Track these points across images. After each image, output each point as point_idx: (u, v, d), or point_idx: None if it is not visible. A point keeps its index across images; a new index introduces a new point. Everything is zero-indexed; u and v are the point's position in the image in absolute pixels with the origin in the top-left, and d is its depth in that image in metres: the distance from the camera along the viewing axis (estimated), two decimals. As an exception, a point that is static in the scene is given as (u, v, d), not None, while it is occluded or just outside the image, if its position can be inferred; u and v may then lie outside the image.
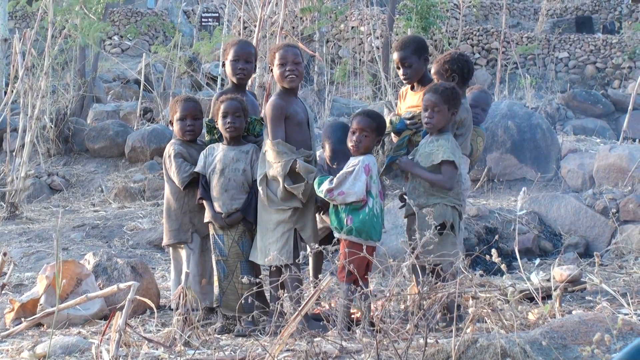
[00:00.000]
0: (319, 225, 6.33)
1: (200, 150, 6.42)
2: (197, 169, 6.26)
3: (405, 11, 21.27)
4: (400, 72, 6.48)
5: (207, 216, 6.23)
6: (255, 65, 6.54)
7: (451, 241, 5.92)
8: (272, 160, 5.97)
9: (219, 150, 6.26)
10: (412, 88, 6.56)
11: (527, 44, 26.62)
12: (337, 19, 20.17)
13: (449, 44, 23.84)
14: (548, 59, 27.16)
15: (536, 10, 33.13)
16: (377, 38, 21.08)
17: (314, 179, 5.90)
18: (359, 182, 5.75)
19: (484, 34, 27.56)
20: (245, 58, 6.50)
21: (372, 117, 5.99)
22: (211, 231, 6.24)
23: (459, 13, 26.70)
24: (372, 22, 21.49)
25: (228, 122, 6.18)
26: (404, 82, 6.56)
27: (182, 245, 6.42)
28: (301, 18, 16.83)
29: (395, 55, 6.51)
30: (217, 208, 6.17)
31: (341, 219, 5.78)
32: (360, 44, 23.92)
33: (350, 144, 5.95)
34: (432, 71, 6.59)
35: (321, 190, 5.81)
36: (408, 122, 6.32)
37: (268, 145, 6.01)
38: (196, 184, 6.34)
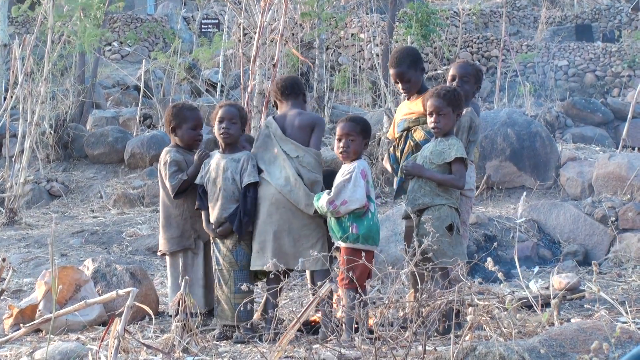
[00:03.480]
0: None
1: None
2: (197, 179, 6.25)
3: (405, 19, 21.31)
4: (400, 87, 6.48)
5: (204, 226, 6.24)
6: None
7: (460, 242, 5.93)
8: (312, 169, 6.05)
9: (215, 157, 6.25)
10: (408, 98, 6.56)
11: (526, 52, 26.62)
12: (337, 26, 20.20)
13: (449, 51, 23.89)
14: (548, 67, 27.17)
15: (536, 18, 33.16)
16: (377, 45, 21.10)
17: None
18: (359, 188, 5.73)
19: (484, 42, 27.57)
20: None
21: (355, 121, 6.00)
22: (212, 240, 6.24)
23: (459, 21, 26.73)
24: (372, 29, 21.51)
25: (223, 128, 6.17)
26: (405, 95, 6.53)
27: (180, 252, 6.38)
28: (301, 25, 16.85)
29: (391, 72, 6.50)
30: (211, 218, 6.17)
31: (346, 228, 5.73)
32: (360, 51, 23.95)
33: (338, 152, 5.95)
34: (456, 72, 6.53)
35: (321, 205, 5.79)
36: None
37: (310, 152, 6.08)
38: (191, 191, 6.33)
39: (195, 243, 6.35)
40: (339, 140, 5.93)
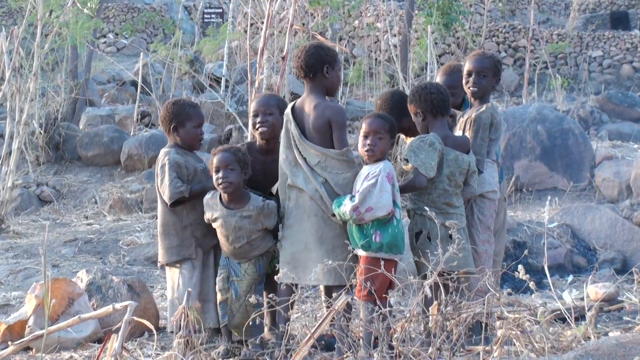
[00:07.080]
0: None
1: (197, 160, 6.41)
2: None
3: (425, 6, 21.28)
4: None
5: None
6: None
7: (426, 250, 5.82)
8: (338, 170, 5.88)
9: (219, 211, 6.11)
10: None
11: (557, 42, 26.61)
12: (350, 15, 20.20)
13: (473, 41, 23.86)
14: (580, 58, 27.15)
15: (567, 4, 33.15)
16: (395, 36, 21.09)
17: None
18: (385, 193, 5.61)
19: (511, 31, 27.56)
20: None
21: (384, 118, 5.90)
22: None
23: (484, 8, 26.72)
24: (389, 18, 21.50)
25: (220, 178, 6.00)
26: None
27: (180, 263, 6.32)
28: (312, 14, 16.85)
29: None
30: (226, 251, 6.15)
31: (368, 235, 5.63)
32: (376, 42, 23.93)
33: (363, 150, 5.82)
34: (472, 67, 6.50)
35: (344, 212, 5.65)
36: None
37: (331, 154, 5.90)
38: (186, 201, 6.27)
39: (195, 252, 6.29)
40: (365, 137, 5.81)
